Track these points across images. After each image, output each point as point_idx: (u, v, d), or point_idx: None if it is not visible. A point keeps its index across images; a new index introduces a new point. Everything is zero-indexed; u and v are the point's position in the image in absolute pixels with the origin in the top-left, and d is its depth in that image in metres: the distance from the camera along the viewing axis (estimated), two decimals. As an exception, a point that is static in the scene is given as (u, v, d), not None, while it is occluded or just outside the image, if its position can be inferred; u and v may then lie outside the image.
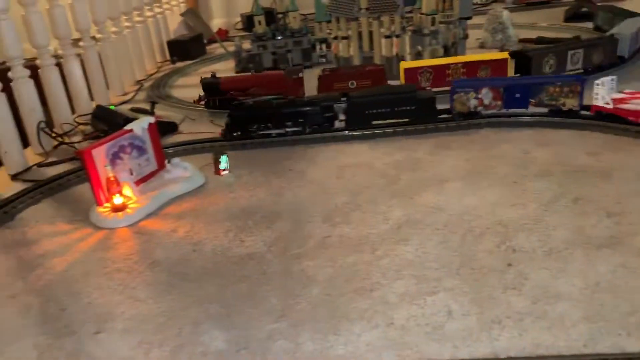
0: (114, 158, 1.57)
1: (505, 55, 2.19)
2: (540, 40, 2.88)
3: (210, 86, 2.31)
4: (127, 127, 1.63)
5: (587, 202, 1.35)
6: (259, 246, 1.33)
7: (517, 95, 1.84)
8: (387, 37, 2.54)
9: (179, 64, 3.39)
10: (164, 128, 2.03)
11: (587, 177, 1.48)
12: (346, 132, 1.92)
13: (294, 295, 1.13)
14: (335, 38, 2.63)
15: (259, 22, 2.95)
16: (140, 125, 1.65)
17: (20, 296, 1.22)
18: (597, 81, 1.79)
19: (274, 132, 1.95)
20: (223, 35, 3.97)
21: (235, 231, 1.41)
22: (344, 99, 1.98)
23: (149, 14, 3.51)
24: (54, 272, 1.30)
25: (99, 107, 2.25)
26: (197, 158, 1.87)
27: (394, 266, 1.18)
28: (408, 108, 1.92)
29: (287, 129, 1.95)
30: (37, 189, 1.74)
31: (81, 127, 2.34)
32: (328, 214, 1.43)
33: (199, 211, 1.53)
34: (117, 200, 1.50)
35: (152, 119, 1.70)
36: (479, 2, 4.21)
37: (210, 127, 2.14)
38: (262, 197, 1.58)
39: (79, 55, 2.51)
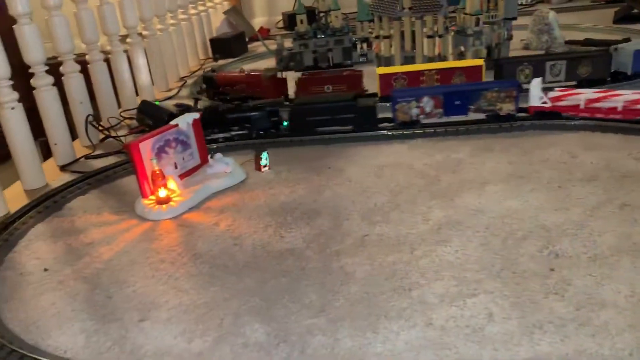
0: (160, 152, 1.61)
1: (480, 62, 2.16)
2: (588, 42, 2.81)
3: (208, 80, 2.56)
4: (173, 122, 1.67)
5: (634, 208, 1.32)
6: (299, 242, 1.34)
7: (457, 103, 1.88)
8: (429, 37, 2.52)
9: (221, 62, 3.45)
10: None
11: (635, 182, 1.43)
12: (385, 131, 1.92)
13: (333, 292, 1.14)
14: (377, 37, 2.63)
15: (301, 21, 2.96)
16: (185, 121, 1.69)
17: (68, 282, 1.27)
18: (532, 83, 1.86)
19: (220, 136, 1.98)
20: (265, 33, 4.02)
21: (275, 226, 1.43)
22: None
23: (193, 11, 3.59)
24: (100, 260, 1.35)
25: (144, 102, 2.31)
26: (239, 154, 1.90)
27: (433, 267, 1.18)
28: (348, 116, 1.94)
29: (234, 134, 1.99)
30: (85, 180, 1.81)
31: (127, 121, 2.41)
32: (367, 213, 1.44)
33: (240, 206, 1.56)
34: (162, 193, 1.54)
35: (196, 115, 1.74)
36: (524, 3, 4.13)
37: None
38: (301, 193, 1.59)
39: (125, 51, 2.59)
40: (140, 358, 1.01)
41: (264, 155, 1.78)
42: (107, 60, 2.40)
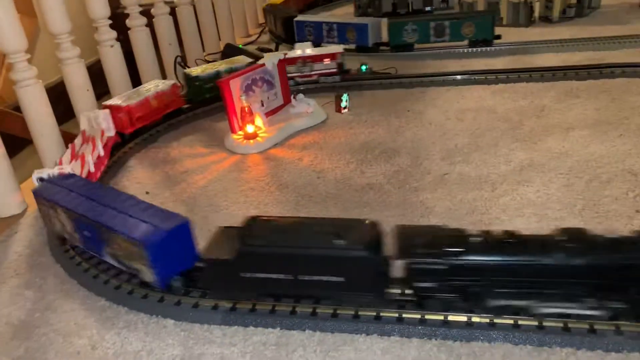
0: (247, 90, 1.69)
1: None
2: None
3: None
4: (260, 62, 1.74)
5: None
6: (379, 178, 1.40)
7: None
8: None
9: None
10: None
11: None
12: (466, 76, 1.91)
13: (413, 223, 1.19)
14: (460, -18, 2.56)
15: (381, -34, 2.92)
16: (271, 61, 1.75)
17: (168, 204, 1.39)
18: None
19: None
20: (341, -20, 3.97)
21: (356, 163, 1.48)
22: None
23: (272, -43, 3.59)
24: (196, 186, 1.46)
25: (228, 45, 2.39)
26: (320, 96, 1.95)
27: (514, 204, 1.20)
28: None
29: None
30: (176, 117, 1.92)
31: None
32: (447, 153, 1.46)
33: (321, 144, 1.62)
34: (250, 128, 1.63)
35: (282, 55, 1.79)
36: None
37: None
38: (381, 134, 1.63)
39: (210, -4, 2.66)
40: (236, 270, 1.11)
41: (345, 97, 1.82)
42: (193, 5, 2.49)
